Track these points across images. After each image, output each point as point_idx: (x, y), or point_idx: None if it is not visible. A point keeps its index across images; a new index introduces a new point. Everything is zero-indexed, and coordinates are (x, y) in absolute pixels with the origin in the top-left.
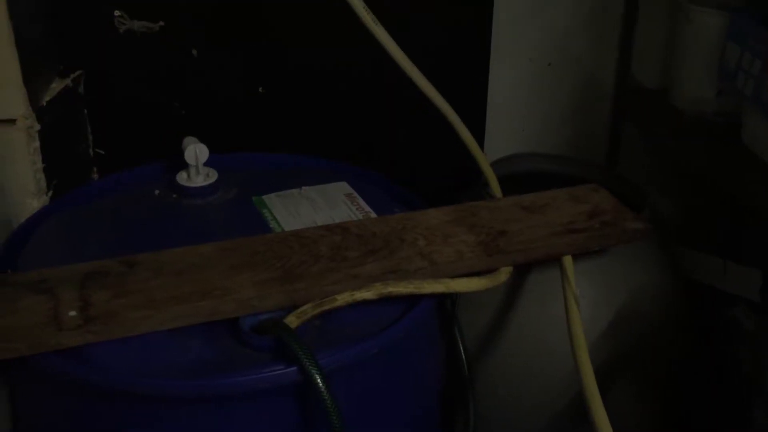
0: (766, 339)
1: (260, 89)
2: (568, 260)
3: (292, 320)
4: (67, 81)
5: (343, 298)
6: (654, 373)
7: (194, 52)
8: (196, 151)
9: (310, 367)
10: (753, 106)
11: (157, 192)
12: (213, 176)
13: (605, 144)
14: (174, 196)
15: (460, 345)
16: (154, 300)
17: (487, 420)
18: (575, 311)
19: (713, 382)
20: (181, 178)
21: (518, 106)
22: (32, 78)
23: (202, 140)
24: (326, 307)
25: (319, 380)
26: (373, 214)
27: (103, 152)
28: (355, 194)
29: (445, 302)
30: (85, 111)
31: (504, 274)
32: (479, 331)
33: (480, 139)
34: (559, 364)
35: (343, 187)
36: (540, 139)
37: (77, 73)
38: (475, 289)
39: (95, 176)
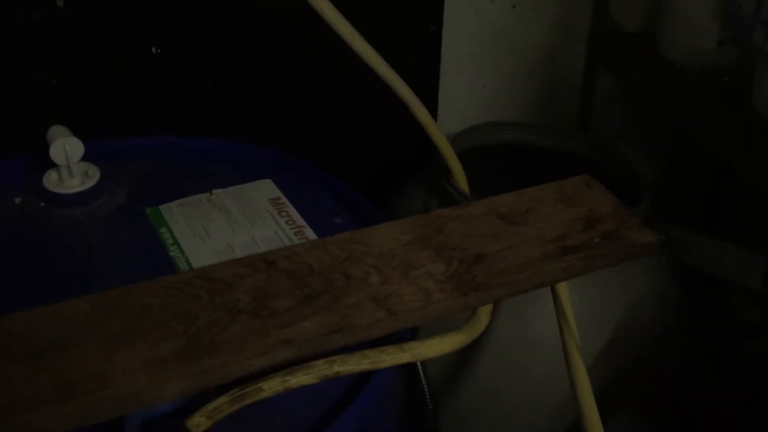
0: None
1: (154, 49)
2: (562, 288)
3: (201, 421)
4: None
5: (271, 387)
6: (657, 393)
7: (59, 2)
8: (65, 148)
9: None
10: None
11: (18, 200)
12: (94, 176)
13: (577, 98)
14: (42, 204)
15: (423, 379)
16: None
17: None
18: (574, 345)
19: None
20: (50, 181)
21: (478, 57)
22: None
23: (79, 121)
24: (248, 401)
25: None
26: (308, 230)
27: None
28: (283, 198)
29: None
30: None
31: (484, 319)
32: (446, 358)
33: (434, 100)
34: (543, 394)
35: (268, 187)
36: (503, 96)
37: None
38: (450, 351)
39: None
